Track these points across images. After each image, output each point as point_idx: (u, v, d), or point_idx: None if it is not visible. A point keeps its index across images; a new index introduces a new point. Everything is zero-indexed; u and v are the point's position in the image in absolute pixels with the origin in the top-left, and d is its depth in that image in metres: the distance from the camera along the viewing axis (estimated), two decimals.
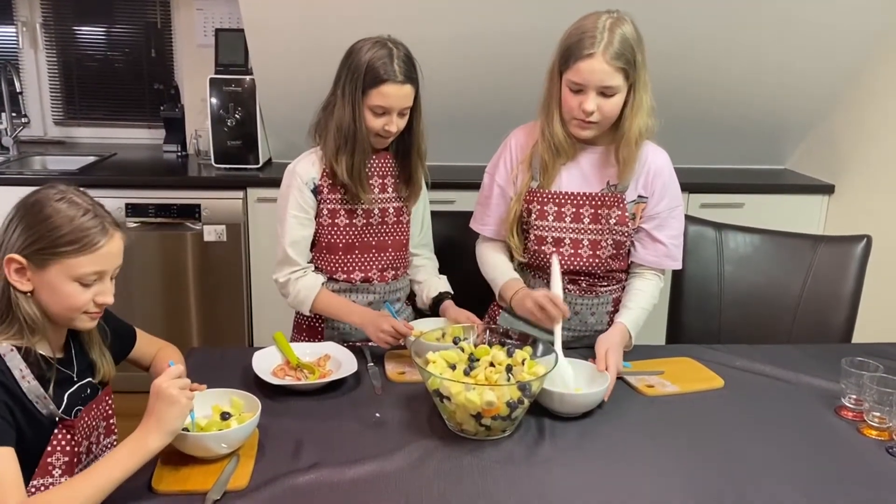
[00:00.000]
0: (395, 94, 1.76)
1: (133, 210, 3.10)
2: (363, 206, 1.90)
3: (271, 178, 3.21)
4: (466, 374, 1.51)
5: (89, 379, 1.41)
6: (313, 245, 1.93)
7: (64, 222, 1.26)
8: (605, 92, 1.67)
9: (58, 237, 1.25)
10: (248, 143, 3.24)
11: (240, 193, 3.14)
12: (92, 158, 3.42)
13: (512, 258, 1.95)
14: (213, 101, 3.18)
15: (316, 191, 1.87)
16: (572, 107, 1.71)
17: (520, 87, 2.15)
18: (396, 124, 1.81)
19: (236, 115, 3.19)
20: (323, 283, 1.91)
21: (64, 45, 3.71)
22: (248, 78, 3.17)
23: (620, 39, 1.63)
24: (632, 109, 1.72)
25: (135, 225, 3.11)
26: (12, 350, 1.25)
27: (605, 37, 1.62)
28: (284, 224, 1.88)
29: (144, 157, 3.57)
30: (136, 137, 3.81)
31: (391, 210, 1.95)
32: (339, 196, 1.89)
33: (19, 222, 1.27)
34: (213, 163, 3.27)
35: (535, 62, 1.87)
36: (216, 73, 3.22)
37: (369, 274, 1.95)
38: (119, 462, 1.21)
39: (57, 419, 1.29)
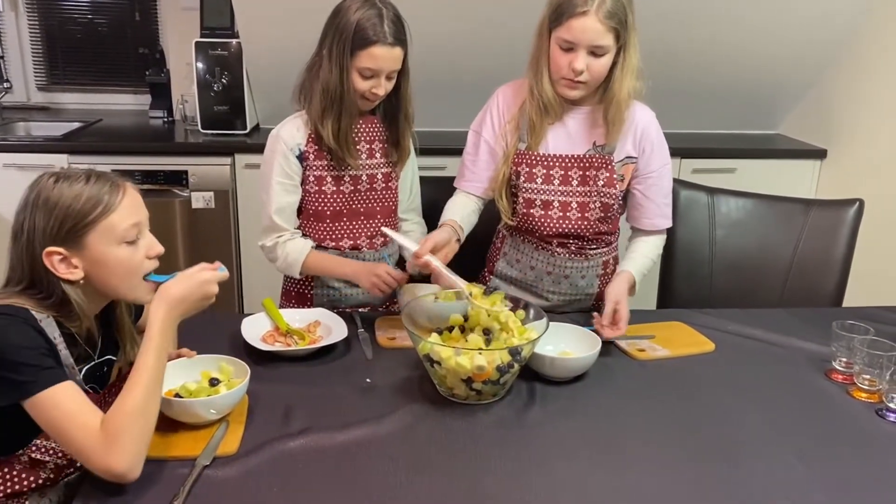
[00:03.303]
0: (384, 56, 1.72)
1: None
2: (350, 173, 1.87)
3: (259, 143, 3.13)
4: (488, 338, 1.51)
5: (109, 356, 1.39)
6: (300, 212, 1.91)
7: (75, 194, 1.23)
8: (595, 51, 1.64)
9: (78, 209, 1.22)
10: (236, 109, 3.20)
11: (227, 159, 3.10)
12: (76, 124, 3.37)
13: (503, 218, 1.92)
14: (199, 65, 3.13)
15: (301, 157, 1.84)
16: (561, 65, 1.68)
17: (509, 51, 2.12)
18: (384, 87, 1.77)
19: (223, 80, 3.14)
20: (312, 246, 1.88)
21: (46, 9, 3.63)
22: (234, 41, 3.12)
23: None
24: (622, 70, 1.69)
25: None
26: (49, 317, 1.24)
27: None
28: (269, 191, 1.84)
29: (130, 123, 3.52)
30: (121, 103, 3.76)
31: (379, 176, 1.92)
32: (326, 163, 1.85)
33: (34, 219, 1.23)
34: (199, 128, 3.23)
35: (523, 24, 1.83)
36: (202, 36, 3.16)
37: (358, 241, 1.93)
38: (164, 351, 1.24)
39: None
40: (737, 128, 3.68)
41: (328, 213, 1.89)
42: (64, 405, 1.15)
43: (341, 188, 1.88)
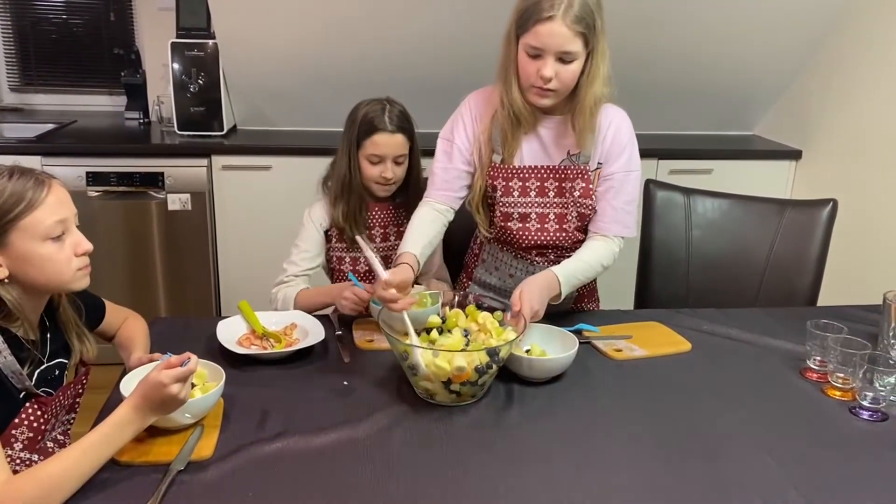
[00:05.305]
0: (386, 142, 1.89)
1: (94, 179, 3.02)
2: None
3: (236, 145, 3.15)
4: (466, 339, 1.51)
5: (60, 359, 1.37)
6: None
7: None
8: (563, 58, 1.60)
9: (0, 206, 1.20)
10: (212, 110, 3.17)
11: (204, 161, 3.07)
12: (50, 126, 3.32)
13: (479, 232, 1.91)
14: (175, 66, 3.11)
15: (327, 235, 2.01)
16: (530, 73, 1.64)
17: (476, 55, 2.11)
18: (392, 171, 1.92)
19: (199, 81, 3.12)
20: (304, 287, 1.95)
21: (19, 8, 3.58)
22: (210, 42, 3.09)
23: (581, 3, 1.56)
24: (587, 78, 1.65)
25: (97, 194, 3.04)
26: None
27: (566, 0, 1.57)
28: (293, 249, 2.01)
29: (105, 125, 3.47)
30: (96, 104, 3.72)
31: (393, 258, 1.92)
32: (345, 245, 2.00)
33: None
34: (176, 130, 3.20)
35: (491, 28, 1.82)
36: (178, 37, 3.13)
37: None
38: (112, 441, 1.18)
39: (28, 395, 1.26)
40: (713, 129, 3.71)
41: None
42: None
43: (357, 268, 2.01)
